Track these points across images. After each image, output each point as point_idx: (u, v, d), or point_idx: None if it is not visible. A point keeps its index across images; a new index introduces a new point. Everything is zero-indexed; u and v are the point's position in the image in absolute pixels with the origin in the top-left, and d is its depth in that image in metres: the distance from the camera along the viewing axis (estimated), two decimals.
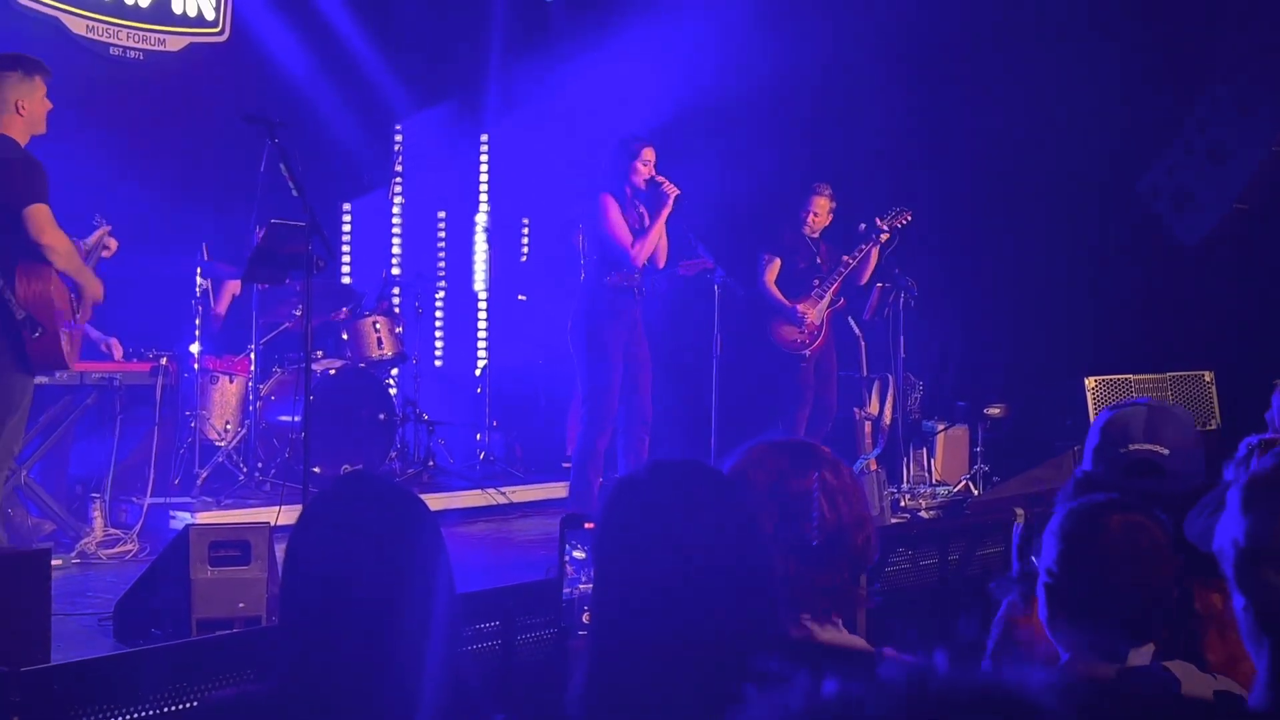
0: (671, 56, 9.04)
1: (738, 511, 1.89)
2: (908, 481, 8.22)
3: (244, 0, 9.03)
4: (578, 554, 2.54)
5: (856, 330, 8.58)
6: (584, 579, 2.50)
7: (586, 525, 2.45)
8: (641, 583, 1.82)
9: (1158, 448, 2.75)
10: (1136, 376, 7.90)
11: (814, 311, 8.07)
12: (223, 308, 8.11)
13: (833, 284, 8.07)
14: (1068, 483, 2.87)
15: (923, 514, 7.67)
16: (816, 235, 8.23)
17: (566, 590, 2.46)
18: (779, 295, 8.10)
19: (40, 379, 6.34)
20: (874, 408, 8.54)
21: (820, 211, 8.16)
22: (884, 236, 7.96)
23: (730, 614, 1.80)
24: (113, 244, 5.90)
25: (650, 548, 1.83)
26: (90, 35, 8.27)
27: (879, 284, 8.18)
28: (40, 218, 5.31)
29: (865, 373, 8.63)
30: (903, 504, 7.79)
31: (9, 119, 5.47)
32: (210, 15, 8.90)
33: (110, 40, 8.38)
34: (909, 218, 8.04)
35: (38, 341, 5.32)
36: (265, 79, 8.99)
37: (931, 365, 8.83)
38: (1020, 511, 6.61)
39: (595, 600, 1.88)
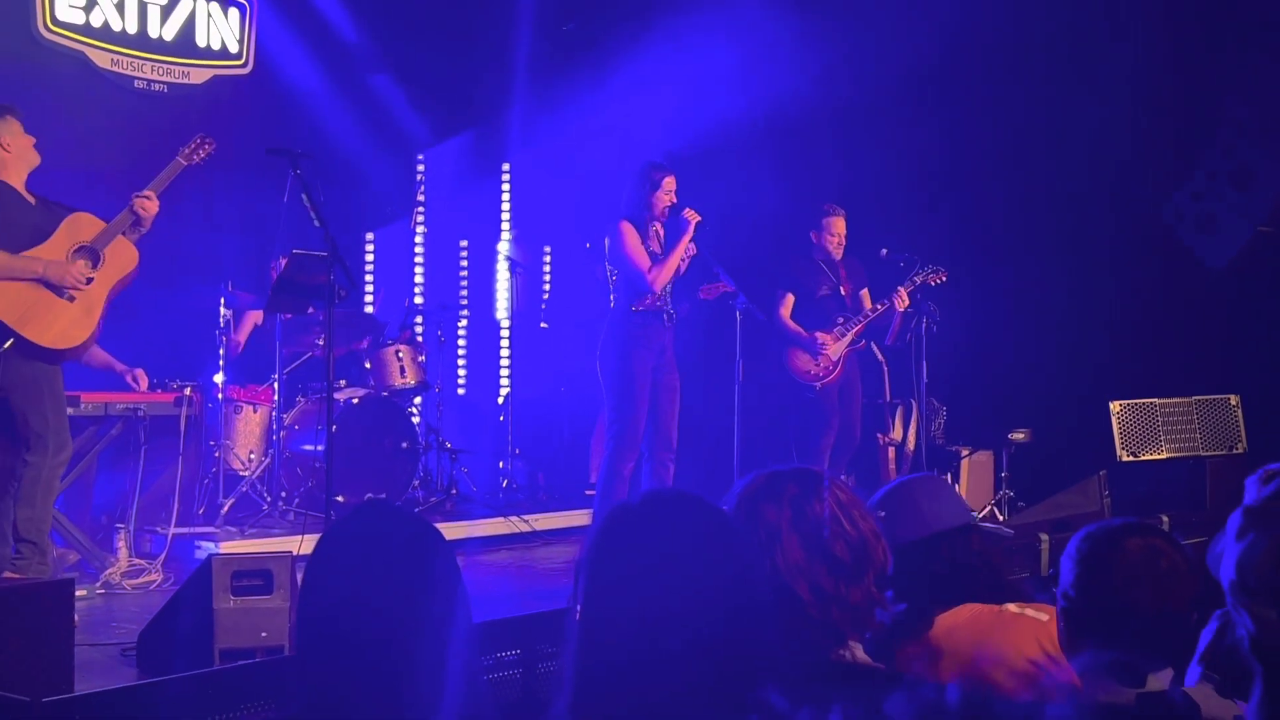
0: (691, 83, 9.07)
1: (732, 545, 1.86)
2: None
3: (267, 32, 9.11)
4: None
5: (879, 355, 8.55)
6: None
7: None
8: (629, 612, 1.79)
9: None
10: (1162, 400, 7.85)
11: (834, 347, 8.03)
12: (243, 337, 8.15)
13: (856, 326, 8.06)
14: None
15: None
16: (836, 258, 8.20)
17: None
18: (795, 327, 8.07)
19: (66, 410, 6.39)
20: (898, 433, 8.51)
21: (838, 233, 8.15)
22: (903, 301, 7.94)
23: (722, 647, 1.77)
24: (150, 205, 5.86)
25: (639, 578, 1.80)
26: (115, 69, 8.35)
27: (900, 310, 8.16)
28: None
29: (888, 398, 8.60)
30: None
31: (7, 164, 5.62)
32: (234, 48, 8.98)
33: (135, 74, 8.46)
34: (944, 277, 8.02)
35: (15, 348, 5.43)
36: (288, 110, 9.06)
37: (955, 390, 8.79)
38: (1045, 537, 6.59)
39: (582, 626, 1.85)
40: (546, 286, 10.75)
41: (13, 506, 5.51)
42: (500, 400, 10.15)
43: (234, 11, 8.97)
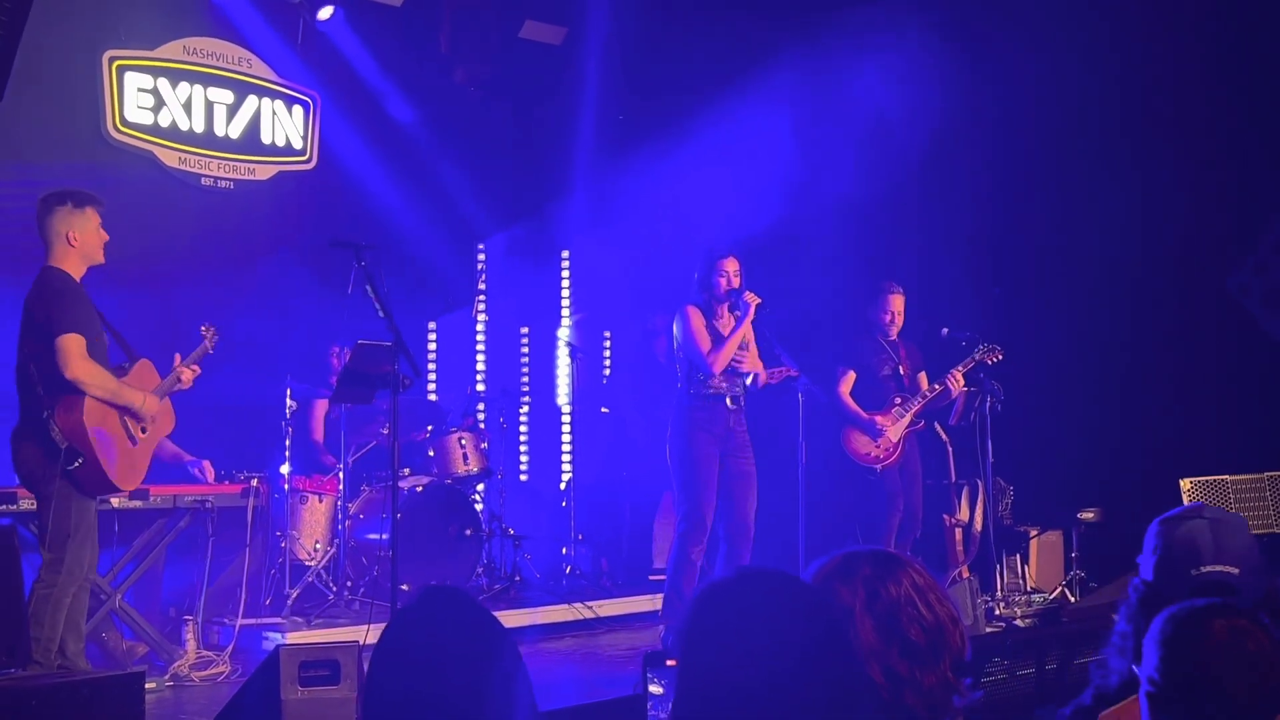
0: (750, 164, 9.12)
1: (824, 620, 1.86)
2: (1002, 589, 8.04)
3: (330, 129, 9.30)
4: (654, 689, 2.52)
5: (943, 436, 8.48)
6: (662, 715, 2.47)
7: (669, 663, 2.44)
8: (726, 690, 1.79)
9: (1228, 568, 2.70)
10: (1233, 477, 7.71)
11: (893, 429, 7.98)
12: (319, 432, 8.23)
13: (914, 406, 7.99)
14: (1130, 596, 2.81)
15: (1018, 622, 7.49)
16: (894, 336, 8.18)
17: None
18: (855, 407, 8.03)
19: (135, 503, 6.47)
20: (964, 514, 8.41)
21: (897, 310, 8.13)
22: (958, 382, 7.89)
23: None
24: (187, 375, 5.99)
25: (735, 655, 1.81)
26: (183, 167, 8.54)
27: (965, 389, 8.10)
28: (66, 348, 5.38)
29: (954, 479, 8.50)
30: (998, 612, 7.62)
31: (61, 250, 5.59)
32: (298, 144, 9.16)
33: (202, 171, 8.65)
34: (999, 356, 7.96)
35: (80, 470, 5.41)
36: (351, 203, 9.22)
37: (1022, 469, 8.68)
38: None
39: (677, 706, 1.84)
40: (607, 371, 10.79)
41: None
42: (562, 486, 10.15)
43: (298, 109, 9.16)
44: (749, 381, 7.07)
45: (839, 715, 1.79)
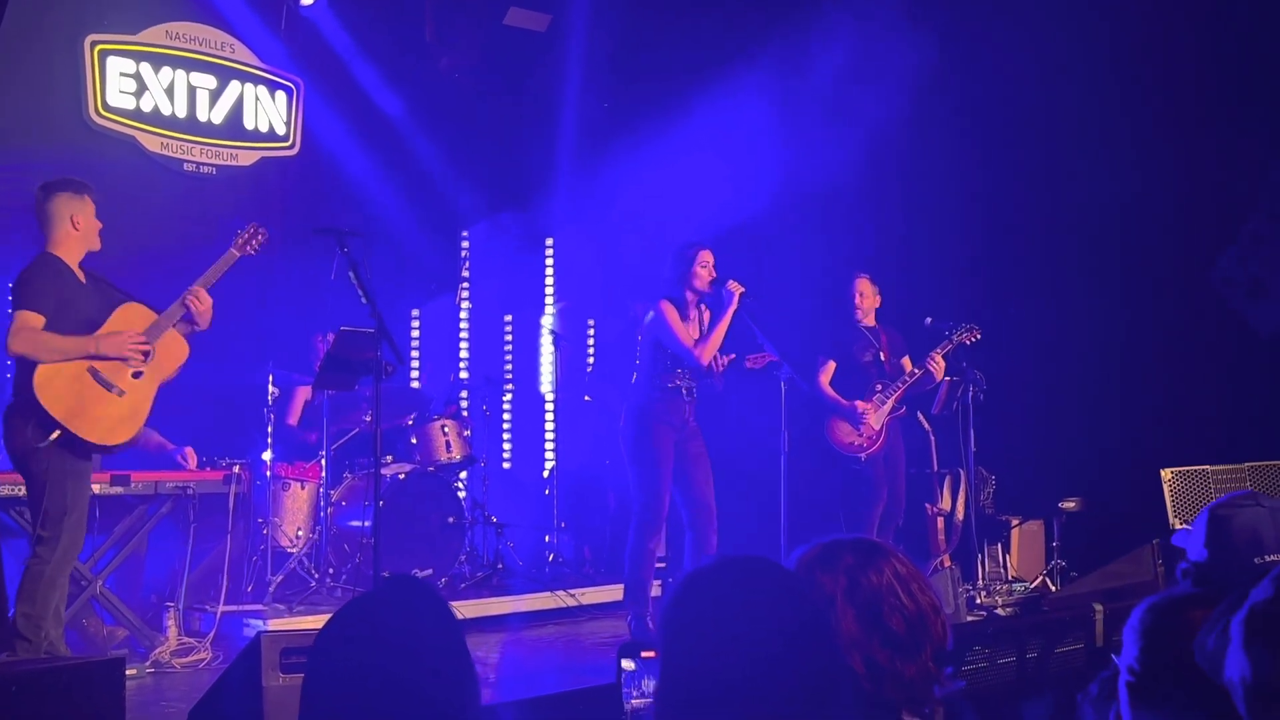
0: (732, 154, 9.12)
1: (806, 607, 1.87)
2: (983, 578, 8.07)
3: (314, 114, 9.26)
4: (626, 664, 2.52)
5: (926, 425, 8.50)
6: (635, 694, 2.49)
7: (645, 654, 2.45)
8: (709, 677, 1.79)
9: None
10: (1214, 467, 7.74)
11: (875, 415, 7.99)
12: (295, 417, 8.20)
13: (895, 391, 8.01)
14: (1178, 579, 2.80)
15: (999, 611, 7.52)
16: (872, 322, 8.19)
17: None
18: (836, 396, 8.05)
19: (116, 489, 6.45)
20: (946, 503, 8.44)
21: (866, 293, 8.15)
22: (938, 364, 7.89)
23: (800, 710, 1.77)
24: (203, 297, 5.83)
25: (717, 642, 1.81)
26: (165, 152, 8.50)
27: (947, 378, 8.12)
28: (13, 325, 5.43)
29: (936, 468, 8.53)
30: (979, 601, 7.65)
31: (64, 233, 5.63)
32: (281, 130, 9.12)
33: (184, 156, 8.61)
34: (977, 335, 7.99)
35: (62, 440, 5.39)
36: (335, 190, 9.19)
37: (1004, 459, 8.71)
38: (1099, 607, 6.49)
39: (661, 693, 1.85)
40: (590, 359, 10.78)
41: (12, 602, 5.44)
42: (545, 474, 10.15)
43: (281, 94, 9.12)
44: (727, 362, 7.06)
45: (819, 703, 1.79)
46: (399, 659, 1.91)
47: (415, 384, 9.84)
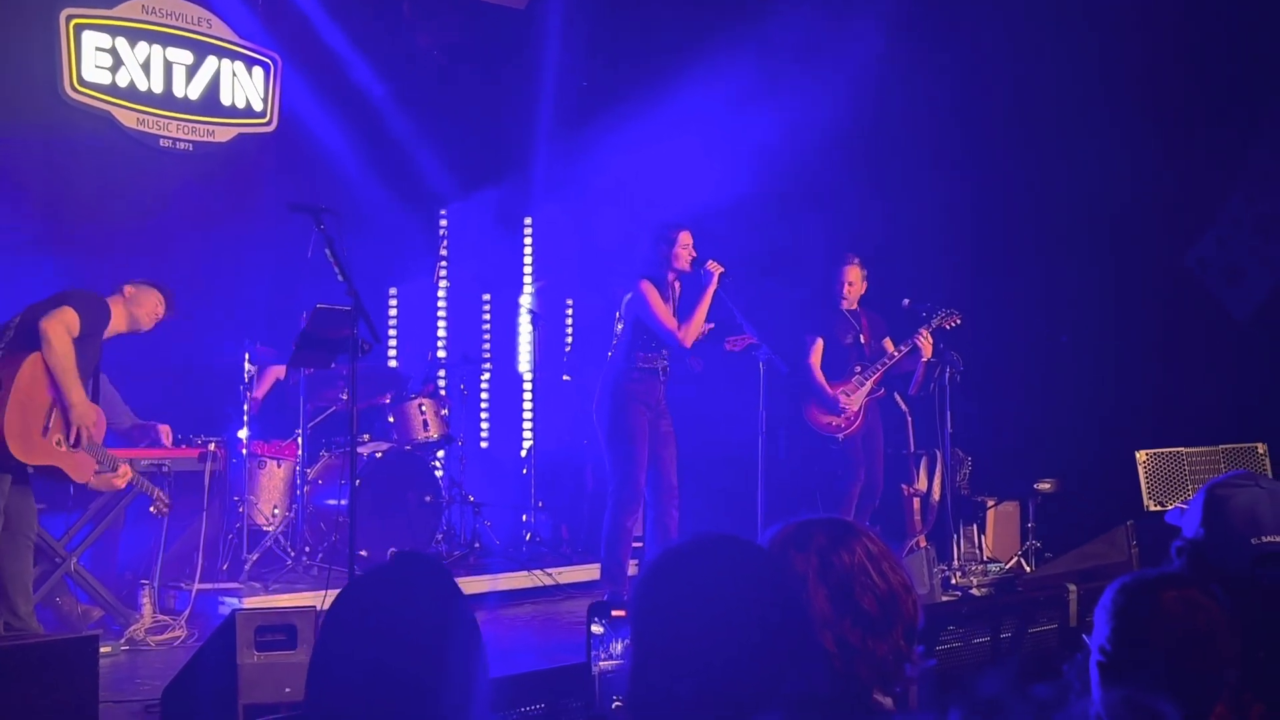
0: (714, 135, 9.11)
1: (779, 587, 1.88)
2: (958, 559, 8.11)
3: (291, 90, 9.20)
4: (595, 628, 2.54)
5: (903, 406, 8.52)
6: (603, 655, 2.51)
7: (615, 613, 2.46)
8: (681, 655, 1.81)
9: None
10: (1189, 449, 7.79)
11: (853, 398, 8.01)
12: (261, 392, 8.16)
13: (875, 374, 8.03)
14: (1173, 558, 2.82)
15: (974, 591, 7.56)
16: (855, 307, 8.21)
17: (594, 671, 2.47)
18: (821, 379, 8.06)
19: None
20: (922, 484, 8.46)
21: (854, 280, 8.16)
22: (927, 342, 7.90)
23: (773, 686, 1.78)
24: (122, 472, 6.16)
25: (690, 620, 1.82)
26: (141, 128, 8.44)
27: (924, 360, 8.13)
28: (61, 312, 5.70)
29: (912, 449, 8.56)
30: (954, 581, 7.69)
31: (129, 314, 6.18)
32: (258, 106, 9.06)
33: (160, 132, 8.54)
34: (958, 320, 8.00)
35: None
36: (312, 167, 9.13)
37: (980, 440, 8.74)
38: (1074, 588, 6.53)
39: (633, 672, 1.86)
40: (569, 339, 10.77)
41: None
42: (523, 453, 10.15)
43: (258, 70, 9.06)
44: (706, 331, 7.07)
45: (791, 681, 1.80)
46: (410, 631, 1.93)
47: (393, 363, 9.81)
